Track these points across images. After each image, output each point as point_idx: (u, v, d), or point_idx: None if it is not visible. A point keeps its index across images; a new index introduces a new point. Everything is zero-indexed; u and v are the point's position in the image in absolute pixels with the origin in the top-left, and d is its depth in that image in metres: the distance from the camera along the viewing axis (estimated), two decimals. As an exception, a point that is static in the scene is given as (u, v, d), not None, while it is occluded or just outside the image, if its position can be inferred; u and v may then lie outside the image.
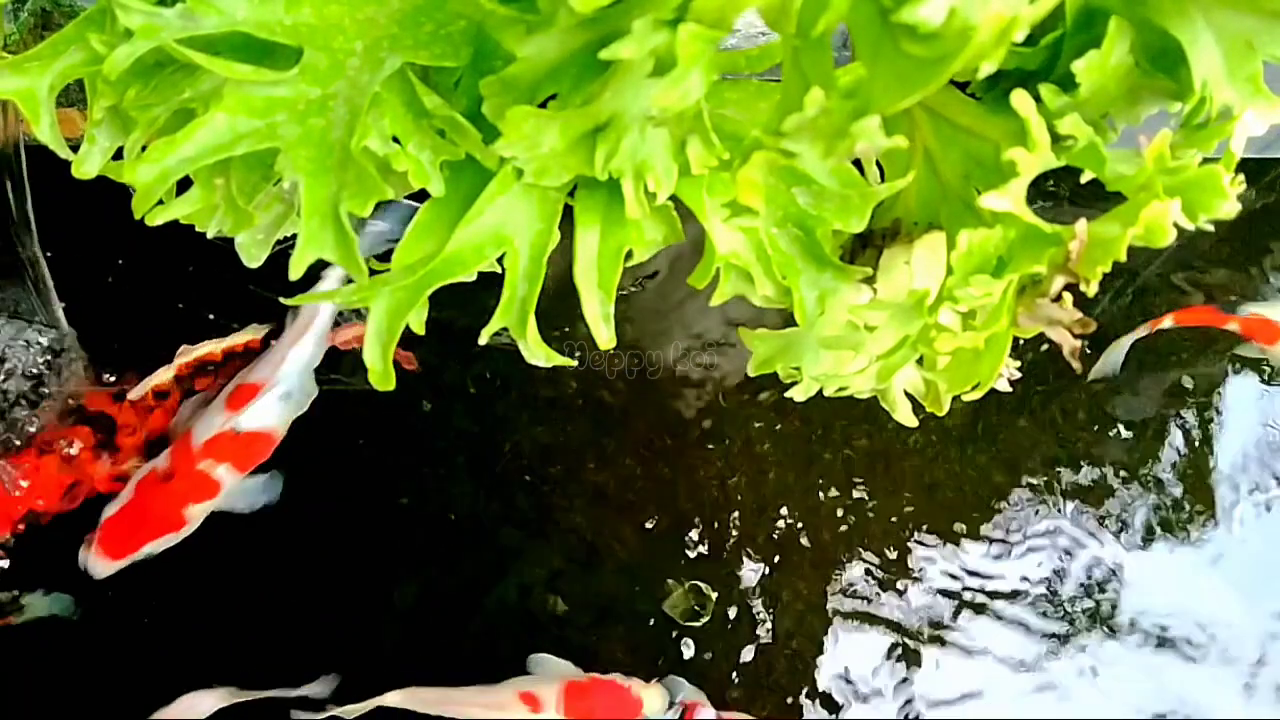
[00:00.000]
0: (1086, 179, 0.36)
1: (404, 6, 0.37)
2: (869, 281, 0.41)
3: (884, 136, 0.30)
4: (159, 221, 0.42)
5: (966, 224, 0.37)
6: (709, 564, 1.08)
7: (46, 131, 0.40)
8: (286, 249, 0.39)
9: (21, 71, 0.39)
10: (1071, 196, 1.02)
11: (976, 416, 1.16)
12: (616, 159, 0.34)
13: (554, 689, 0.95)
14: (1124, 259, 0.33)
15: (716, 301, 0.44)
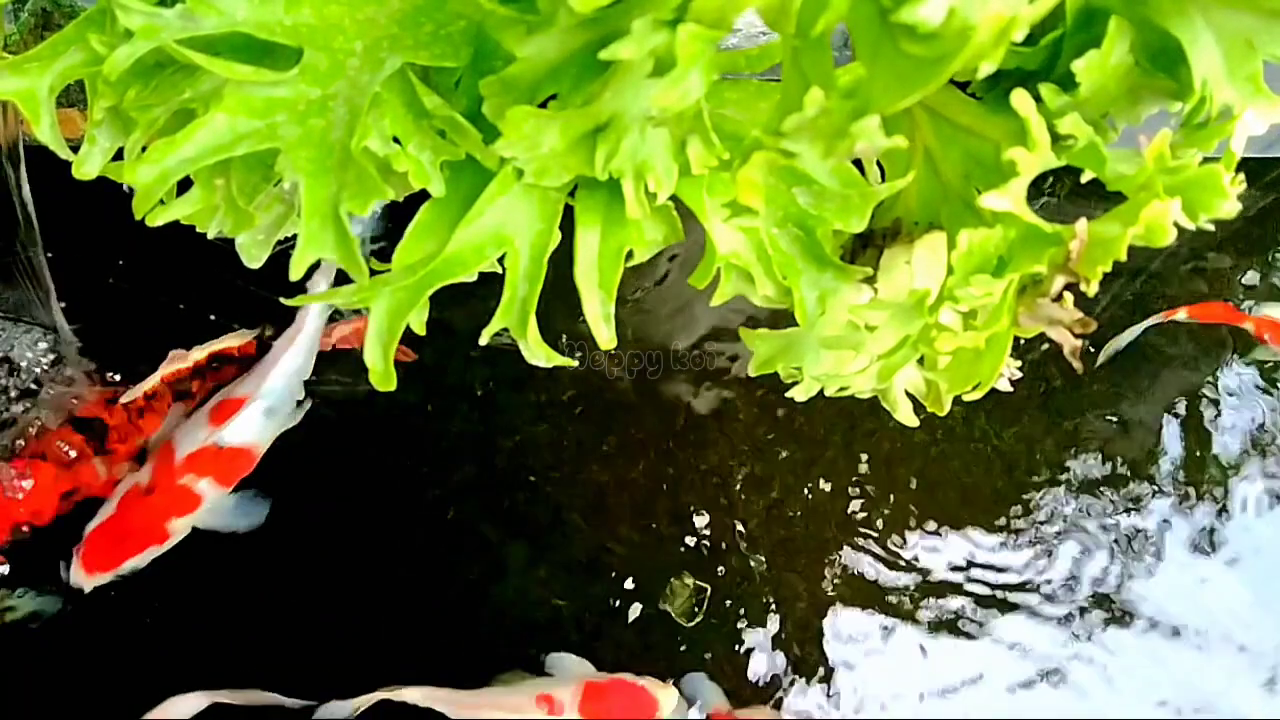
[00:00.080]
0: (1087, 179, 0.36)
1: (404, 6, 0.37)
2: (870, 281, 0.41)
3: (884, 136, 0.29)
4: (159, 222, 0.42)
5: (967, 224, 0.37)
6: (710, 562, 1.08)
7: (47, 132, 0.40)
8: (287, 249, 0.39)
9: (22, 72, 0.39)
10: (1071, 196, 1.02)
11: (976, 416, 1.16)
12: (617, 159, 0.34)
13: (571, 690, 0.95)
14: (1124, 258, 0.33)
15: (717, 302, 0.44)
